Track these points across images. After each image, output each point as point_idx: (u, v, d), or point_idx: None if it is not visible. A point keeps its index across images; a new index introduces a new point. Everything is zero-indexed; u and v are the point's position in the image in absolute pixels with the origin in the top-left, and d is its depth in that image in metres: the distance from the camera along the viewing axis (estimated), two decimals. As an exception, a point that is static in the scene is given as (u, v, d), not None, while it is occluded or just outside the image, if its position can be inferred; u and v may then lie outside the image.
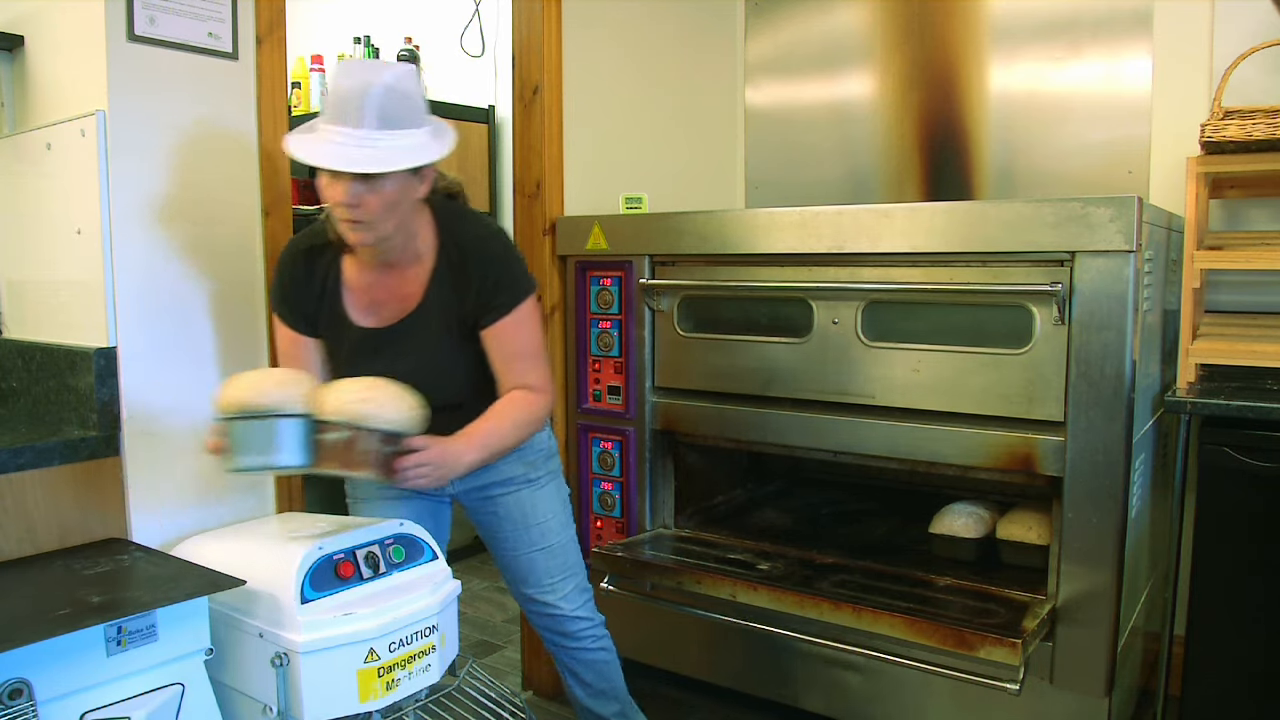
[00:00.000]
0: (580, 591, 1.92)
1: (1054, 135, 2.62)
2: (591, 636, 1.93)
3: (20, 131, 1.83)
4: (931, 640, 1.81)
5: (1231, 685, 1.93)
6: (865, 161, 2.94)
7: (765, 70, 3.11)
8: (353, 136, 1.44)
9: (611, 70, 2.64)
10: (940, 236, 1.91)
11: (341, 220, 1.53)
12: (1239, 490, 1.88)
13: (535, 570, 1.88)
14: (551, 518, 1.87)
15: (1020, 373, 1.87)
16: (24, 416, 1.78)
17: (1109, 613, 1.81)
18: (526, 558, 1.87)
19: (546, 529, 1.87)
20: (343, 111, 1.45)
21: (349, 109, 1.44)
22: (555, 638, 1.93)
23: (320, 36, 4.10)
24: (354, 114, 1.44)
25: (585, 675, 1.96)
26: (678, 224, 2.25)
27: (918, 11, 2.81)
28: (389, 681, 1.53)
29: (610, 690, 1.98)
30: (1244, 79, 2.19)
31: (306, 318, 1.67)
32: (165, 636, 1.40)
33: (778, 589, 2.00)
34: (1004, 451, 1.89)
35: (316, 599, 1.48)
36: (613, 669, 1.98)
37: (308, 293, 1.65)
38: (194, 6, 1.74)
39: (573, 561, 1.91)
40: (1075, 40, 2.57)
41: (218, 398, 1.46)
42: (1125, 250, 1.73)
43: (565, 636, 1.92)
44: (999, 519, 2.18)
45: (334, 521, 1.69)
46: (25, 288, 1.86)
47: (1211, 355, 2.12)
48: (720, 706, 2.40)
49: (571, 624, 1.90)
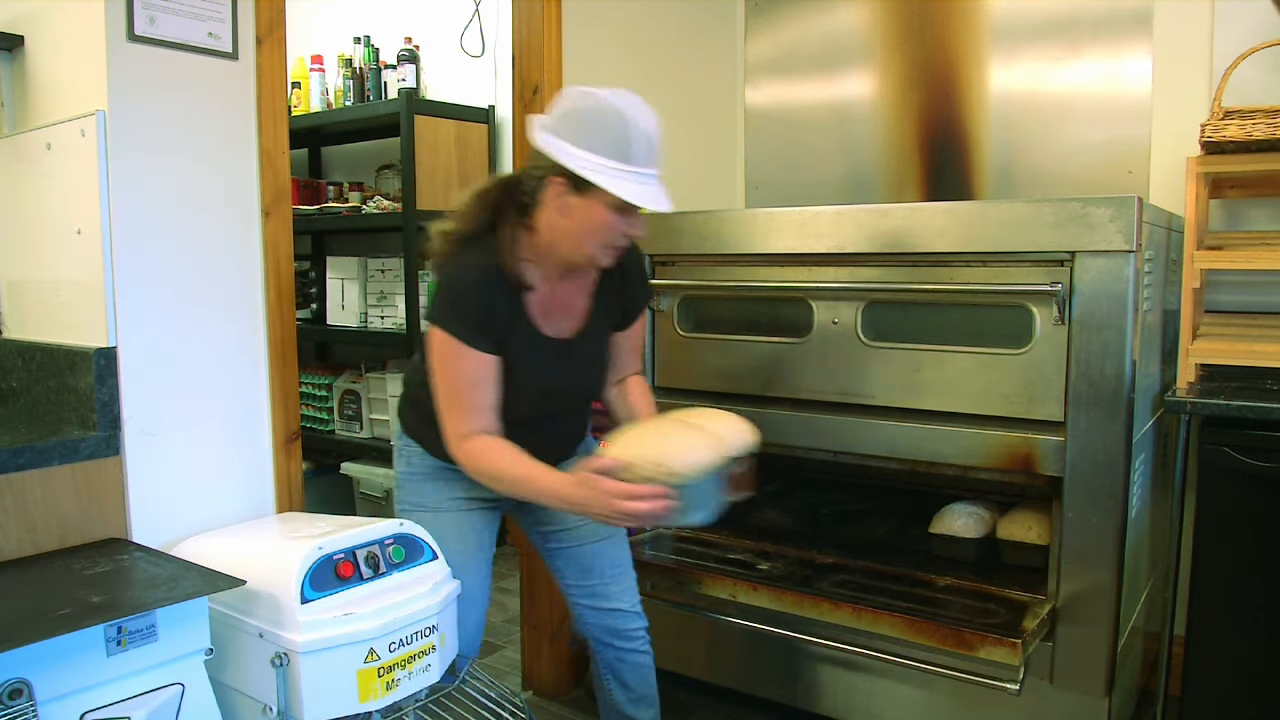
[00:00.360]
0: (636, 589, 1.93)
1: (1054, 135, 2.62)
2: (642, 639, 1.93)
3: (20, 131, 1.83)
4: (931, 640, 1.81)
5: (1231, 685, 1.93)
6: (865, 161, 2.94)
7: (765, 70, 3.11)
8: (655, 176, 1.59)
9: (611, 70, 2.64)
10: (940, 236, 1.91)
11: (610, 246, 1.63)
12: (1239, 490, 1.88)
13: (599, 561, 1.88)
14: None
15: (1020, 373, 1.87)
16: (24, 416, 1.78)
17: (1109, 613, 1.81)
18: (592, 548, 1.87)
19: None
20: (649, 153, 1.57)
21: (654, 151, 1.58)
22: (609, 638, 1.90)
23: (320, 36, 4.11)
24: (657, 155, 1.60)
25: (630, 679, 1.93)
26: (677, 224, 2.25)
27: (918, 11, 2.81)
28: (389, 681, 1.53)
29: (650, 696, 1.97)
30: (1244, 79, 2.19)
31: (497, 339, 1.65)
32: (165, 636, 1.40)
33: (778, 589, 2.00)
34: (1004, 451, 1.89)
35: (316, 599, 1.48)
36: (653, 674, 1.97)
37: (498, 313, 1.64)
38: (194, 6, 1.74)
39: (629, 558, 1.93)
40: (1075, 40, 2.57)
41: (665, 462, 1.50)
42: (1125, 250, 1.73)
43: (619, 636, 1.90)
44: (999, 519, 2.18)
45: (334, 521, 1.69)
46: (25, 288, 1.86)
47: (1211, 355, 2.12)
48: (721, 706, 2.41)
49: (629, 621, 1.90)
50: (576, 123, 1.54)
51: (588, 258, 1.63)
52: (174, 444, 1.75)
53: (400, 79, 3.66)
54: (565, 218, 1.58)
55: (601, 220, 1.57)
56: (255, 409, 1.88)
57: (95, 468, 1.62)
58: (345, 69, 3.87)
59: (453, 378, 1.62)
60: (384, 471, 3.57)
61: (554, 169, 1.55)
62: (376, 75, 3.77)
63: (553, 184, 1.56)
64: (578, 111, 1.55)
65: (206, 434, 1.80)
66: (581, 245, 1.61)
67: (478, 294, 1.60)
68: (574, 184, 1.55)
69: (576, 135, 1.53)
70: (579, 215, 1.57)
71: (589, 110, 1.54)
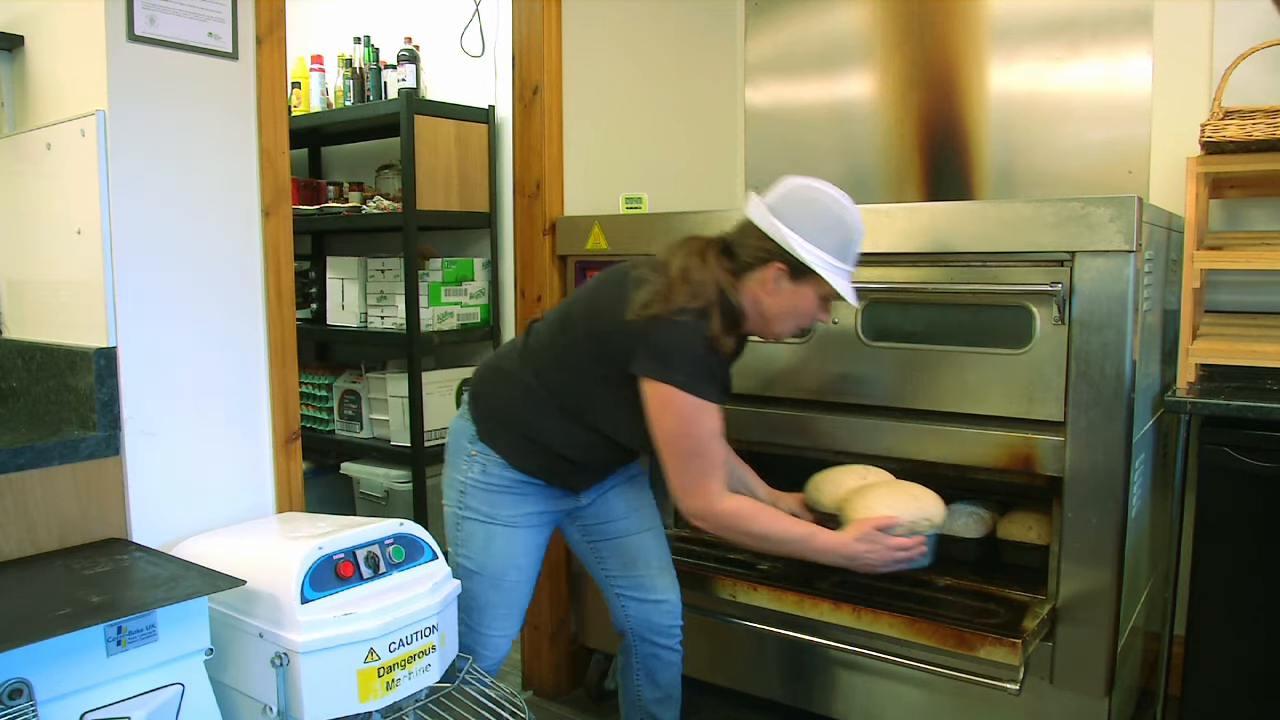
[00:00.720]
0: (678, 584, 1.99)
1: (1054, 135, 2.62)
2: (679, 637, 1.98)
3: (20, 131, 1.83)
4: (931, 640, 1.81)
5: (1231, 685, 1.93)
6: (865, 161, 2.94)
7: (765, 70, 3.11)
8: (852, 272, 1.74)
9: (611, 70, 2.64)
10: (940, 236, 1.91)
11: (812, 320, 1.78)
12: (1239, 490, 1.88)
13: (646, 552, 1.95)
14: (652, 500, 2.00)
15: (1020, 373, 1.87)
16: (24, 416, 1.78)
17: (1109, 613, 1.81)
18: (638, 539, 1.95)
19: (654, 510, 2.00)
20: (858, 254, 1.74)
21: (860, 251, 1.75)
22: (648, 633, 1.96)
23: (320, 36, 4.10)
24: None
25: (661, 677, 1.98)
26: (677, 224, 2.24)
27: (918, 11, 2.81)
28: (389, 681, 1.53)
29: (675, 697, 2.01)
30: (1244, 79, 2.19)
31: (726, 392, 1.77)
32: (165, 636, 1.40)
33: (778, 589, 2.00)
34: (1004, 451, 1.89)
35: (316, 599, 1.48)
36: (680, 674, 2.01)
37: (718, 373, 1.74)
38: (194, 6, 1.74)
39: (670, 553, 2.00)
40: (1075, 40, 2.57)
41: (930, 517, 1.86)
42: (1125, 250, 1.73)
43: (659, 632, 1.95)
44: (999, 519, 2.18)
45: (334, 521, 1.69)
46: (25, 288, 1.86)
47: (1211, 355, 2.12)
48: (722, 706, 2.41)
49: (670, 617, 1.96)
50: (811, 219, 1.67)
51: (777, 334, 1.78)
52: (174, 444, 1.75)
53: (400, 79, 3.66)
54: (772, 297, 1.71)
55: (809, 307, 1.73)
56: (255, 409, 1.88)
57: (95, 468, 1.62)
58: (345, 69, 3.87)
59: (697, 435, 1.67)
60: (384, 471, 3.57)
61: (779, 254, 1.67)
62: (376, 75, 3.77)
63: (773, 267, 1.68)
64: (813, 210, 1.68)
65: (206, 434, 1.80)
66: (782, 322, 1.75)
67: (707, 353, 1.68)
68: (793, 271, 1.68)
69: (810, 230, 1.66)
70: (788, 298, 1.71)
71: (824, 211, 1.68)
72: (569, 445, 1.80)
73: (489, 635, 1.85)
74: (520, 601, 1.87)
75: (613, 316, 1.68)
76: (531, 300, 2.50)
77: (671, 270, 1.68)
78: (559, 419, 1.78)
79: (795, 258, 1.66)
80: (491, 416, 1.83)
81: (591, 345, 1.74)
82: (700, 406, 1.65)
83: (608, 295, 1.74)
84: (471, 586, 1.81)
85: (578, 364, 1.76)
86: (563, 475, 1.84)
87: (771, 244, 1.67)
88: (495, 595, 1.83)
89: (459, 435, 1.87)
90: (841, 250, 1.69)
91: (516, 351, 1.86)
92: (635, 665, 1.98)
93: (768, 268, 1.68)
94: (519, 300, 2.56)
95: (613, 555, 1.95)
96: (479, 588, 1.82)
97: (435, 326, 3.44)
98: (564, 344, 1.78)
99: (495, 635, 1.85)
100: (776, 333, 1.78)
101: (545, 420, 1.78)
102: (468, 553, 1.83)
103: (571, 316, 1.79)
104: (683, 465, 1.69)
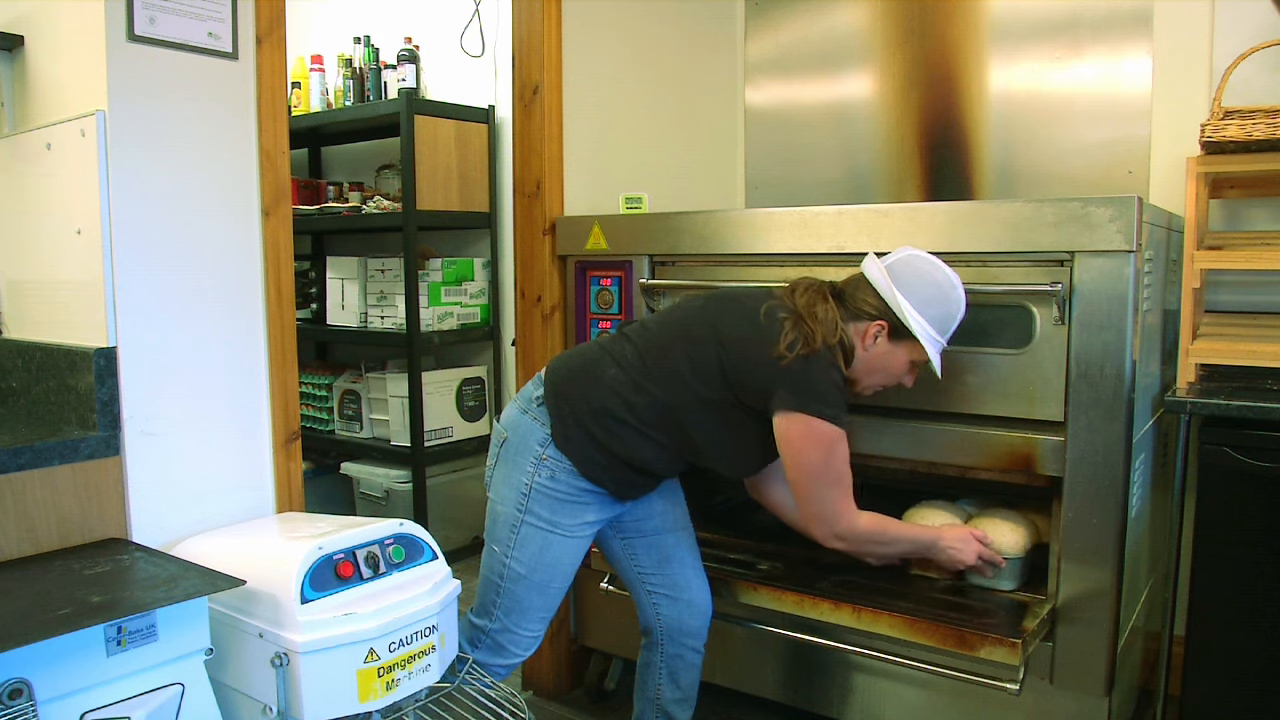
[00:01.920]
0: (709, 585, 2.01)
1: (1054, 135, 2.62)
2: (704, 640, 2.00)
3: (20, 131, 1.83)
4: (931, 640, 1.81)
5: (1231, 685, 1.93)
6: (865, 161, 2.94)
7: (765, 70, 3.11)
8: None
9: (611, 70, 2.64)
10: (940, 236, 1.91)
11: (896, 381, 1.84)
12: (1239, 490, 1.88)
13: (680, 550, 1.97)
14: (684, 499, 2.02)
15: (1020, 373, 1.87)
16: (24, 416, 1.78)
17: (1109, 613, 1.81)
18: (673, 536, 1.97)
19: (686, 510, 2.02)
20: (954, 330, 1.81)
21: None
22: (677, 633, 1.97)
23: (320, 36, 4.11)
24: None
25: (684, 678, 1.99)
26: (677, 224, 2.25)
27: (918, 11, 2.81)
28: (389, 681, 1.53)
29: (693, 699, 2.03)
30: (1244, 79, 2.19)
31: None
32: (165, 636, 1.40)
33: (778, 589, 2.00)
34: (1004, 451, 1.89)
35: (316, 599, 1.48)
36: (700, 676, 2.03)
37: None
38: (194, 6, 1.74)
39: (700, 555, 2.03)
40: (1075, 40, 2.57)
41: (1021, 542, 1.97)
42: (1125, 250, 1.73)
43: (690, 634, 1.97)
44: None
45: (334, 521, 1.69)
46: (25, 288, 1.86)
47: (1211, 355, 2.12)
48: (721, 705, 2.41)
49: (703, 619, 1.98)
50: (922, 289, 1.75)
51: (864, 385, 1.84)
52: (174, 444, 1.75)
53: (400, 79, 3.66)
54: (867, 351, 1.79)
55: (898, 368, 1.81)
56: (255, 409, 1.88)
57: (95, 468, 1.63)
58: (345, 69, 3.87)
59: (838, 462, 1.76)
60: (384, 471, 3.57)
61: (886, 313, 1.75)
62: (376, 75, 3.77)
63: (877, 324, 1.76)
64: (925, 281, 1.76)
65: (206, 434, 1.80)
66: (870, 375, 1.82)
67: (843, 386, 1.77)
68: (893, 331, 1.76)
69: (918, 299, 1.74)
70: (882, 355, 1.79)
71: (935, 285, 1.76)
72: (650, 459, 1.80)
73: (524, 635, 1.86)
74: (558, 604, 1.88)
75: (755, 354, 1.73)
76: (531, 300, 2.50)
77: (801, 308, 1.75)
78: (647, 433, 1.77)
79: (900, 320, 1.74)
80: (574, 421, 1.78)
81: (716, 374, 1.75)
82: (840, 436, 1.74)
83: (738, 328, 1.77)
84: (516, 589, 1.82)
85: (688, 386, 1.76)
86: (628, 486, 1.84)
87: (881, 302, 1.76)
88: (539, 599, 1.83)
89: (527, 435, 1.81)
90: (942, 323, 1.76)
91: (609, 357, 1.82)
92: (659, 664, 1.99)
93: (872, 323, 1.77)
94: (519, 300, 2.56)
95: (646, 552, 1.96)
96: (524, 591, 1.82)
97: (435, 326, 3.44)
98: (678, 364, 1.77)
99: (530, 635, 1.87)
100: (863, 385, 1.83)
101: (630, 434, 1.77)
102: (520, 556, 1.81)
103: (691, 338, 1.79)
104: (822, 494, 1.77)
